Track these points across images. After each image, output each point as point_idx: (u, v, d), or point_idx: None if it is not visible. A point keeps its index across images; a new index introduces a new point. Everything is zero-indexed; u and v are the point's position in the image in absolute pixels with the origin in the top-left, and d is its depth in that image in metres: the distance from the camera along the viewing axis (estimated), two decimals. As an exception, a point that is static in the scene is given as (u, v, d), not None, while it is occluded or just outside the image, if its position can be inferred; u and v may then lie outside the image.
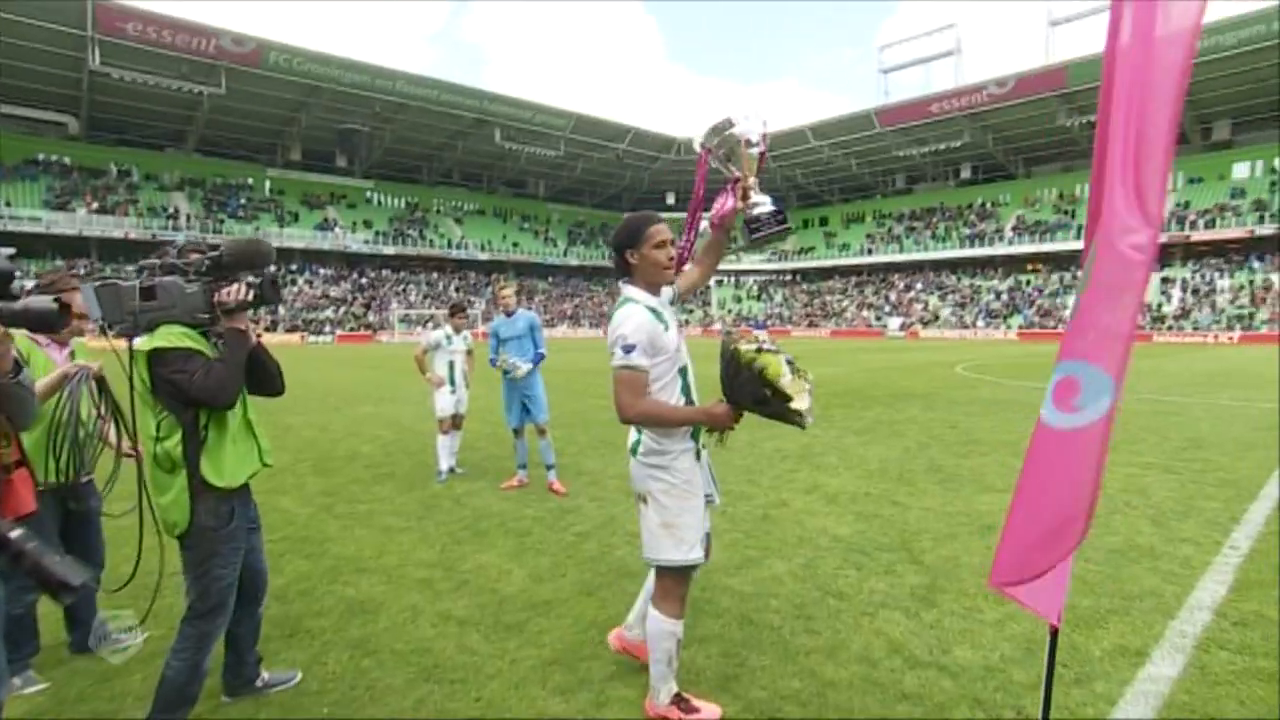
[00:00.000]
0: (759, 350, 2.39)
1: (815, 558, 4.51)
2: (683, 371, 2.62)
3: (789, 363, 2.38)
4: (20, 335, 2.85)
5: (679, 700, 2.75)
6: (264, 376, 2.68)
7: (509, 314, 6.42)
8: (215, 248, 2.51)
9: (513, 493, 6.24)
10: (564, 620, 3.63)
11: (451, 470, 6.90)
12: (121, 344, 2.37)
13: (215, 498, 2.48)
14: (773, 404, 2.34)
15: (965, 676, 3.07)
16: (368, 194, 65.31)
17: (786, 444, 8.48)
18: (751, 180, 2.65)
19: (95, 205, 46.96)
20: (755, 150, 2.66)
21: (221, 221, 51.15)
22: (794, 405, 2.30)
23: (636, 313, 2.52)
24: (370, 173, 64.88)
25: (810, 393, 2.35)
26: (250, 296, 2.51)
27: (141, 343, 2.38)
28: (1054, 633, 2.10)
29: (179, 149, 54.82)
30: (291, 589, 4.05)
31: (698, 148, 2.65)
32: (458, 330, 6.88)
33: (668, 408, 2.51)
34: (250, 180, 57.87)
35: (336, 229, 57.84)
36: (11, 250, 1.77)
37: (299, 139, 57.77)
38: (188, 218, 50.13)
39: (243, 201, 55.24)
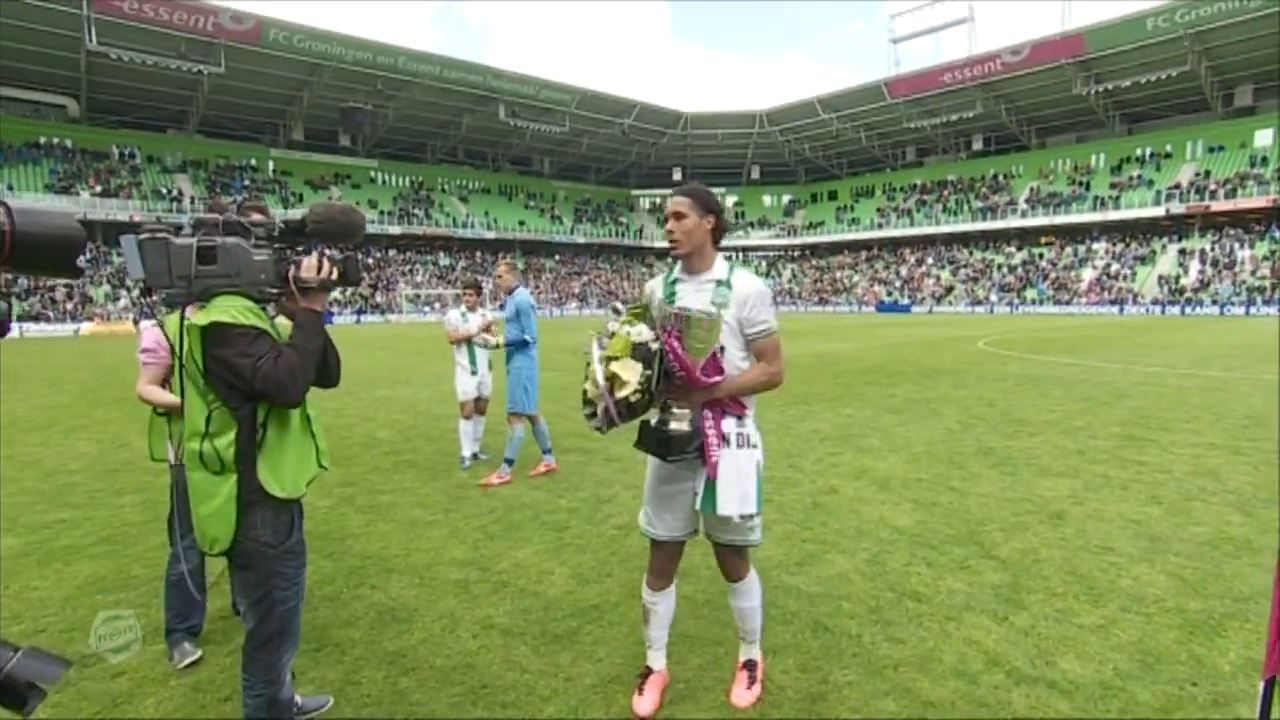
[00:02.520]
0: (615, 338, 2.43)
1: (880, 552, 4.21)
2: None
3: (609, 359, 2.37)
4: None
5: (644, 673, 2.82)
6: (324, 369, 2.26)
7: (508, 293, 6.06)
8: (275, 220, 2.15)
9: (541, 480, 5.96)
10: (618, 629, 3.31)
11: (475, 457, 6.71)
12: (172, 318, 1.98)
13: (274, 508, 2.10)
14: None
15: (1080, 695, 2.72)
16: (372, 173, 64.70)
17: (821, 424, 8.26)
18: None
19: (99, 188, 46.63)
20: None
21: (226, 203, 50.78)
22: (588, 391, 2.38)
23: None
24: (374, 152, 64.24)
25: (610, 392, 2.34)
26: (335, 275, 2.15)
27: (197, 315, 1.99)
28: None
29: (181, 130, 54.29)
30: (315, 594, 3.73)
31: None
32: (471, 309, 6.65)
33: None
34: (253, 161, 57.35)
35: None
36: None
37: (301, 118, 57.10)
38: (192, 200, 49.75)
39: (246, 183, 54.76)
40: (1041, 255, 58.35)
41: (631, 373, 2.35)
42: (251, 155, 57.33)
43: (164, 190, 49.76)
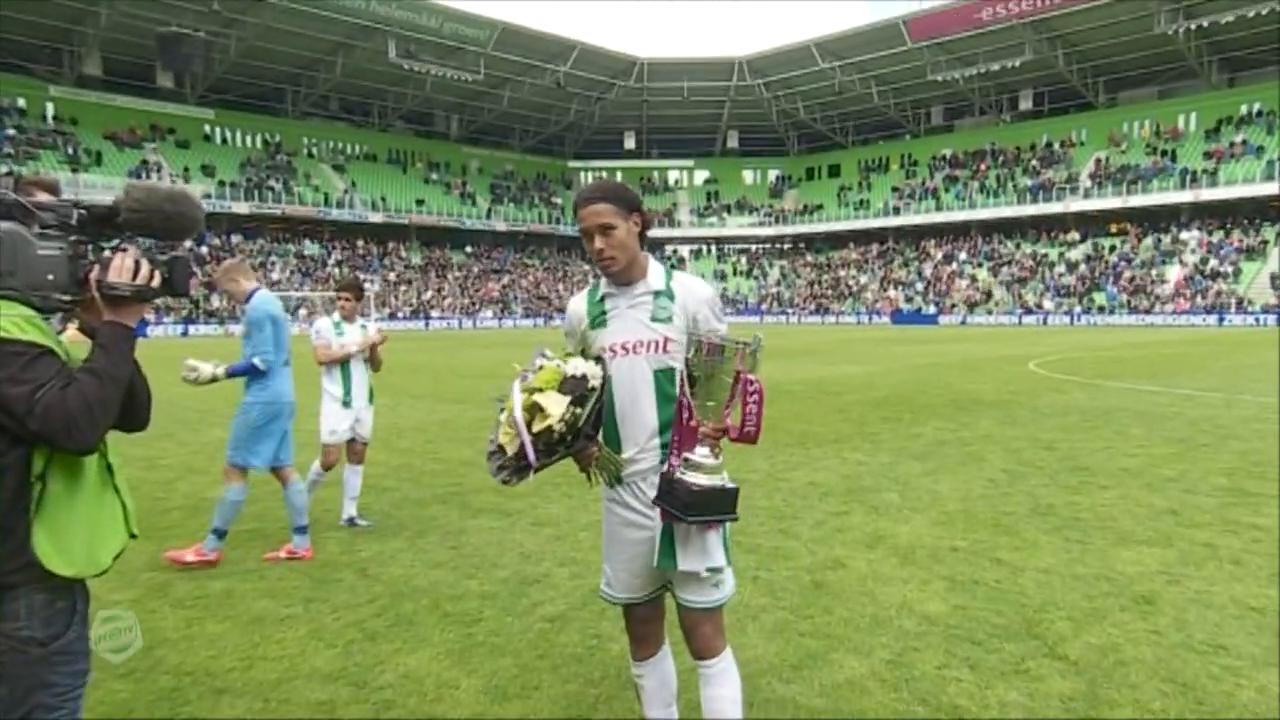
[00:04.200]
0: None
1: (905, 650, 4.22)
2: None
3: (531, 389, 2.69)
4: None
5: None
6: (131, 404, 2.19)
7: (244, 300, 5.94)
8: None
9: (444, 553, 5.92)
10: (548, 766, 3.22)
11: (352, 522, 6.66)
12: None
13: (48, 591, 2.03)
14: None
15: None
16: (207, 128, 63.86)
17: (822, 475, 8.34)
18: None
19: None
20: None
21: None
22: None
23: None
24: (209, 98, 63.38)
25: (529, 434, 2.62)
26: (157, 281, 2.11)
27: None
28: None
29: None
30: (111, 725, 3.55)
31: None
32: (348, 318, 6.63)
33: None
34: (22, 101, 55.35)
35: (161, 175, 56.10)
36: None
37: (98, 44, 55.63)
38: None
39: (10, 132, 52.23)
40: (1112, 248, 60.41)
41: (556, 405, 2.56)
42: (19, 92, 55.11)
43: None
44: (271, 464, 5.81)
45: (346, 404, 6.57)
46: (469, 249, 72.53)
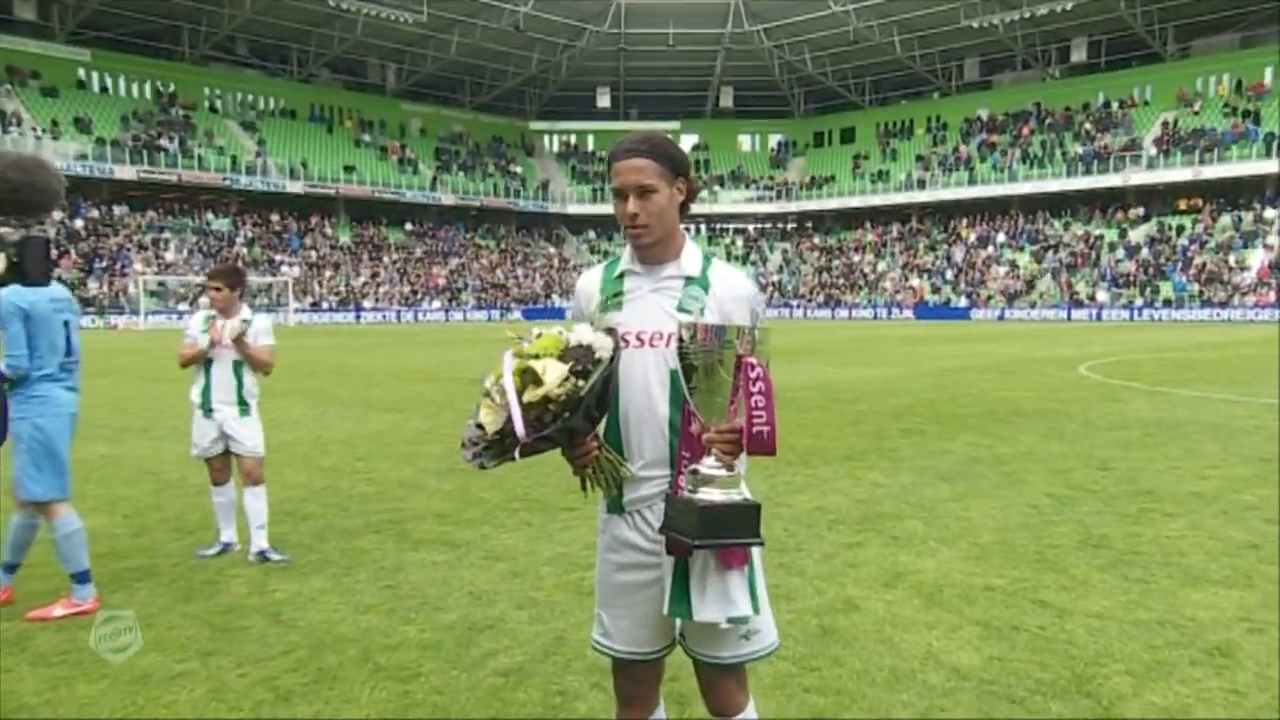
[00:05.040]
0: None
1: (929, 710, 4.24)
2: None
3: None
4: None
5: None
6: None
7: None
8: None
9: (375, 593, 5.90)
10: None
11: (263, 556, 6.64)
12: None
13: None
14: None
15: None
16: (81, 72, 63.28)
17: (832, 498, 8.39)
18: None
19: None
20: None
21: None
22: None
23: None
24: (85, 35, 62.79)
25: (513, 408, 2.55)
26: (1, 266, 2.18)
27: None
28: None
29: None
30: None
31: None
32: (223, 310, 6.73)
33: None
34: None
35: (21, 131, 55.51)
36: None
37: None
38: None
39: None
40: (1180, 229, 60.96)
41: (554, 372, 2.51)
42: None
43: None
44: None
45: (207, 412, 6.71)
46: (409, 226, 72.34)
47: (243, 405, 6.80)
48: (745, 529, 2.58)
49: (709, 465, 2.57)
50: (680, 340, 2.53)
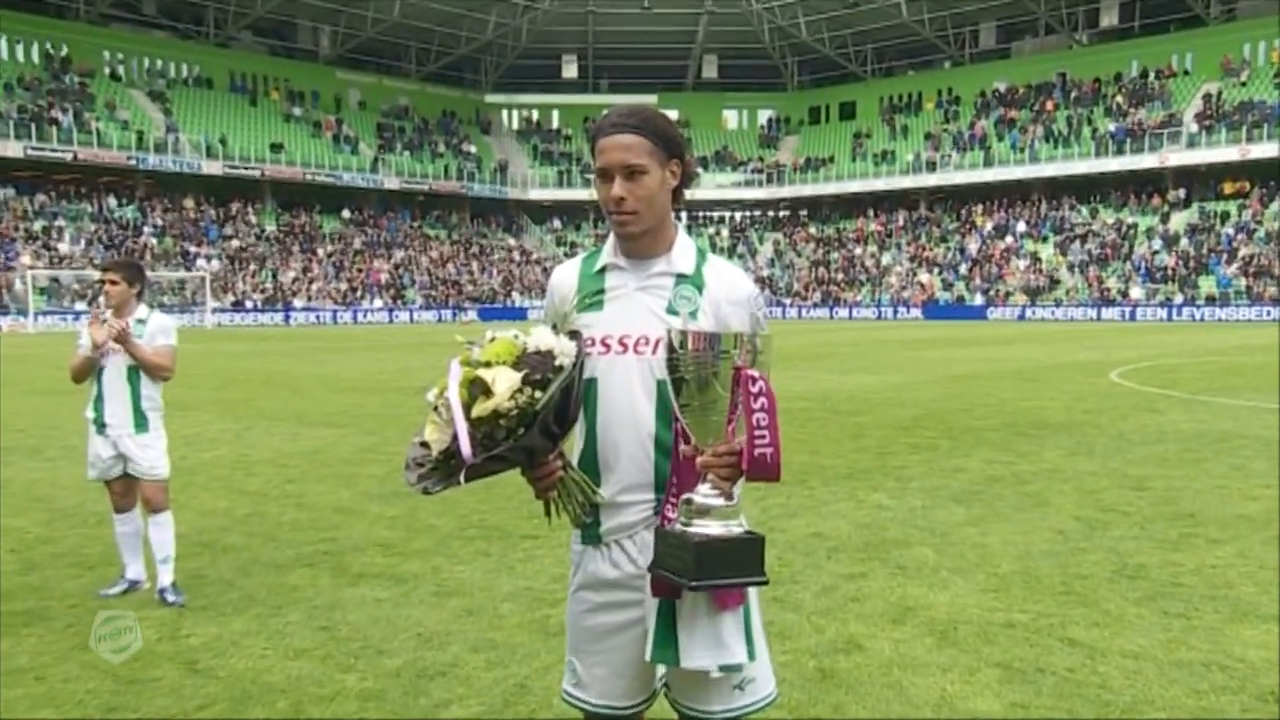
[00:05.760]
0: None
1: (947, 764, 4.22)
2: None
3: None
4: None
5: None
6: None
7: None
8: None
9: (309, 634, 5.85)
10: None
11: (134, 586, 6.69)
12: None
13: None
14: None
15: None
16: (-43, 35, 62.54)
17: (831, 522, 8.38)
18: None
19: None
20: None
21: None
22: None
23: None
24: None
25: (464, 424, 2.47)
26: None
27: None
28: None
29: None
30: None
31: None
32: (118, 308, 6.66)
33: None
34: None
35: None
36: None
37: None
38: None
39: None
40: (1225, 216, 61.25)
41: (505, 382, 2.42)
42: None
43: None
44: None
45: (100, 428, 6.63)
46: (346, 214, 72.03)
47: (139, 419, 6.65)
48: (747, 566, 2.50)
49: (704, 494, 2.48)
50: (670, 349, 2.45)
